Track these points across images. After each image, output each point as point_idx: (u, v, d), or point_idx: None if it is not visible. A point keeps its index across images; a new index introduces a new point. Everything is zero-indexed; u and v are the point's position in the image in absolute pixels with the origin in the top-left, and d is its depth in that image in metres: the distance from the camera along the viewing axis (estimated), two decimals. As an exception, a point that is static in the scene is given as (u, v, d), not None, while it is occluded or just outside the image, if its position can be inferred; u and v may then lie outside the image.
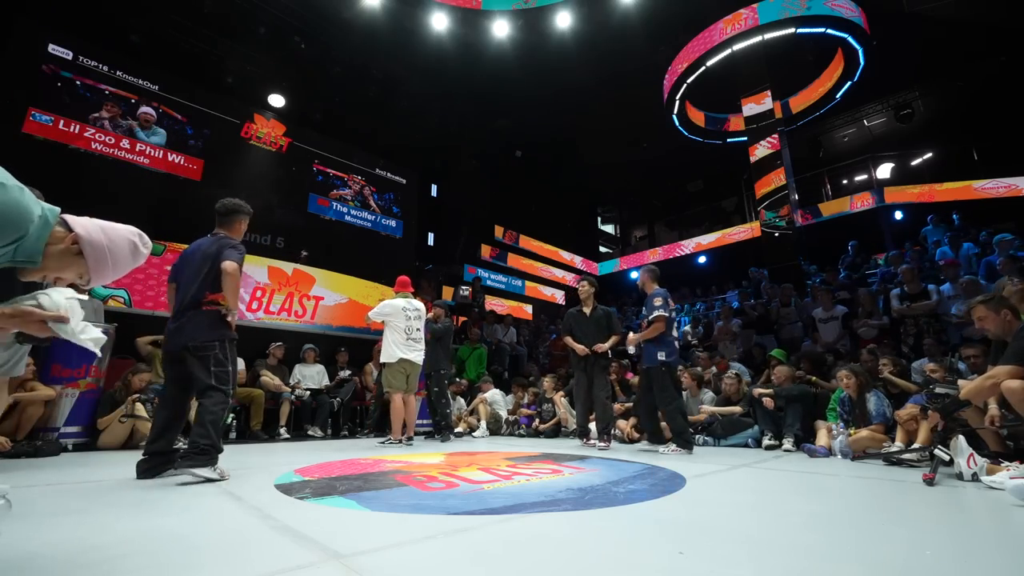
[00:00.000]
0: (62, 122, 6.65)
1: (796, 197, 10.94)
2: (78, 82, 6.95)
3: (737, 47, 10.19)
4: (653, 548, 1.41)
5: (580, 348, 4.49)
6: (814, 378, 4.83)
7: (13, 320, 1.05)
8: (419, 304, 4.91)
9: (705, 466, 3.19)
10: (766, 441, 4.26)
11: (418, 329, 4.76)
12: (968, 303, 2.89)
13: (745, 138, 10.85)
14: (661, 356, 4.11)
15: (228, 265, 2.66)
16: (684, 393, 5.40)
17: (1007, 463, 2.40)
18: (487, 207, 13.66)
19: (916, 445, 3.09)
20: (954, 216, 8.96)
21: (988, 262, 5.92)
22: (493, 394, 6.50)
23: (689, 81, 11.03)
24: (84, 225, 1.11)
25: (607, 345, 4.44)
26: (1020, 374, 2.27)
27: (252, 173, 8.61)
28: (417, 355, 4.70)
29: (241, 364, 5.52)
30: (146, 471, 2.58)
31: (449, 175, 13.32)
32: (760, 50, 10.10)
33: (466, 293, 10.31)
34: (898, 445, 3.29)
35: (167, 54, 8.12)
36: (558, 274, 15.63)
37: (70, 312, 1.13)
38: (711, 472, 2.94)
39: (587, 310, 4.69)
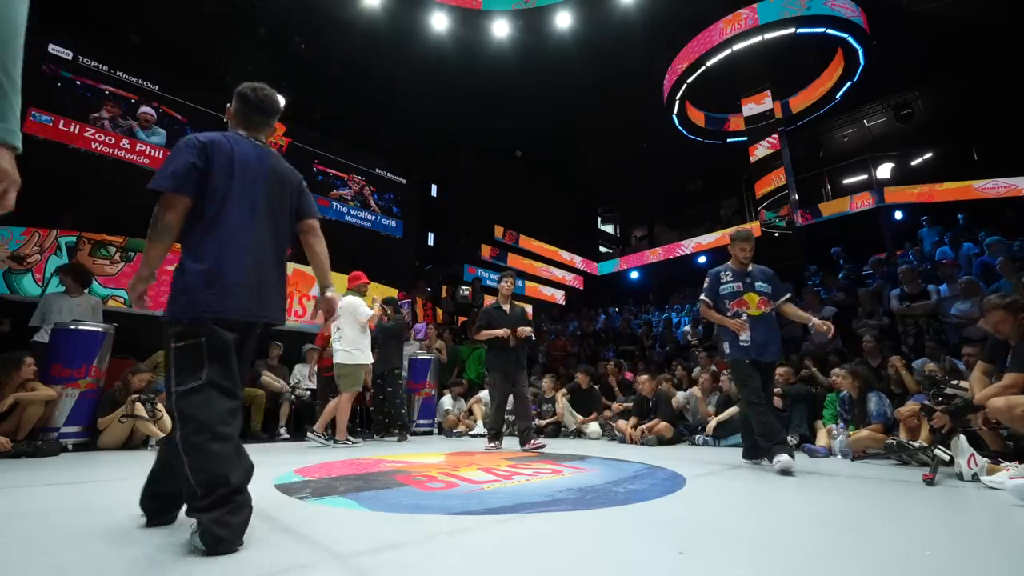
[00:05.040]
0: (62, 122, 6.66)
1: (796, 197, 10.95)
2: (78, 82, 6.95)
3: (737, 47, 10.20)
4: (653, 548, 1.41)
5: (502, 332, 4.34)
6: (817, 374, 4.85)
7: None
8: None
9: (705, 466, 3.19)
10: None
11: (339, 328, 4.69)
12: (983, 305, 2.84)
13: (745, 138, 10.86)
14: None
15: (318, 226, 1.86)
16: (692, 390, 5.40)
17: (1007, 463, 2.40)
18: (487, 207, 13.66)
19: (919, 443, 3.09)
20: (959, 216, 8.95)
21: (983, 262, 5.93)
22: (488, 393, 6.50)
23: (689, 81, 11.03)
24: None
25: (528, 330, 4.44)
26: None
27: (252, 173, 8.59)
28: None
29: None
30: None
31: (449, 175, 13.33)
32: (760, 50, 10.10)
33: (466, 293, 10.31)
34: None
35: (167, 54, 8.12)
36: (558, 274, 15.64)
37: None
38: (711, 472, 2.93)
39: (507, 307, 4.59)
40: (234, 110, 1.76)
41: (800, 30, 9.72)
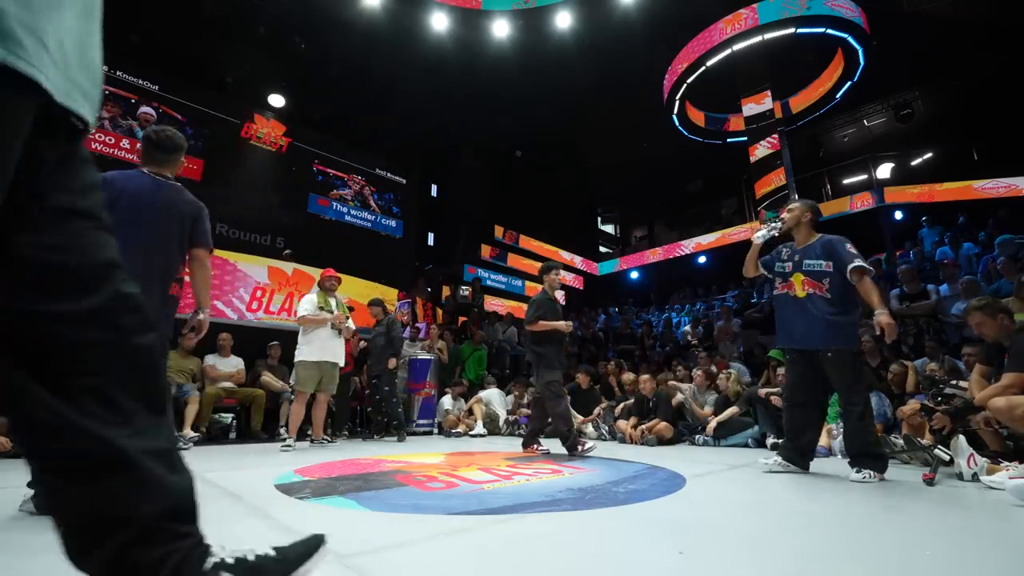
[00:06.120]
0: (62, 122, 6.65)
1: (796, 197, 10.92)
2: (78, 82, 6.95)
3: (737, 47, 10.18)
4: (653, 548, 1.41)
5: (564, 325, 4.13)
6: None
7: None
8: None
9: (705, 466, 3.19)
10: (770, 440, 4.25)
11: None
12: (965, 308, 2.86)
13: (745, 138, 10.85)
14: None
15: (205, 255, 2.16)
16: (691, 388, 5.41)
17: (1007, 463, 2.41)
18: (487, 207, 13.66)
19: (925, 441, 3.09)
20: (959, 216, 8.95)
21: (988, 259, 5.94)
22: (488, 393, 6.50)
23: (689, 81, 11.01)
24: None
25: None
26: None
27: (252, 173, 8.61)
28: None
29: (240, 364, 5.52)
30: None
31: (449, 175, 13.34)
32: (760, 50, 10.09)
33: (466, 293, 10.31)
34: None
35: (167, 54, 8.13)
36: (558, 274, 15.63)
37: None
38: (711, 472, 2.93)
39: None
40: (141, 151, 2.07)
41: (800, 30, 9.70)
